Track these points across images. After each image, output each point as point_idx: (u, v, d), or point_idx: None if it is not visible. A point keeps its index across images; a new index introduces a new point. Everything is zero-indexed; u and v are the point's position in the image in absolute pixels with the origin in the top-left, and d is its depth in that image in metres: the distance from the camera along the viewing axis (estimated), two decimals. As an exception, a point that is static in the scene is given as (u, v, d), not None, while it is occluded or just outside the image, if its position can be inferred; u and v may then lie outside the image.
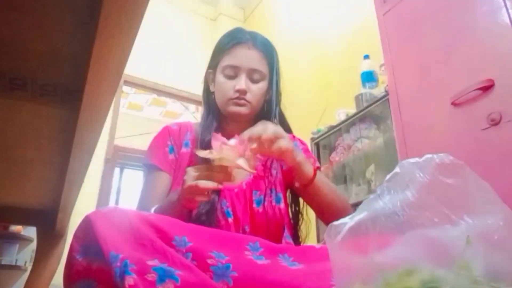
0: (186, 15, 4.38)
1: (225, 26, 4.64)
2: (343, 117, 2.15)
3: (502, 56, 1.19)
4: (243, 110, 0.92)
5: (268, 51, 0.95)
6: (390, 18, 1.67)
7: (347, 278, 0.46)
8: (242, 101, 0.91)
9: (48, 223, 1.25)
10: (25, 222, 1.70)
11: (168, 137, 0.98)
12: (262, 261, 0.62)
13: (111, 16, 0.38)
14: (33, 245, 2.89)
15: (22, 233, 2.95)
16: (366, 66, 2.12)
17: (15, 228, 2.90)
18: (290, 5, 3.57)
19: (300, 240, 0.97)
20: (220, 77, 0.93)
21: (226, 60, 0.92)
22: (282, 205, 0.94)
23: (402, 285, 0.41)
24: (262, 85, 0.94)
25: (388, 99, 1.69)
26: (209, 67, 1.01)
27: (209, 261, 0.57)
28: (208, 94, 1.00)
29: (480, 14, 1.29)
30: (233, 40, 0.93)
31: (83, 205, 1.81)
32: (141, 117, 6.06)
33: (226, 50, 0.93)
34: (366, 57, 2.16)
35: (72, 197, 0.97)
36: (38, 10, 0.43)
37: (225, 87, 0.92)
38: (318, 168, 0.99)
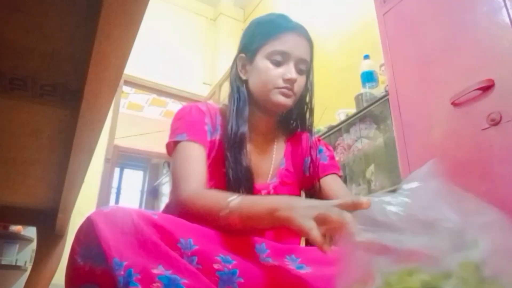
0: (186, 15, 4.38)
1: (225, 26, 4.64)
2: (343, 117, 2.14)
3: (502, 56, 1.19)
4: (288, 102, 0.84)
5: (312, 43, 0.89)
6: (390, 18, 1.67)
7: (347, 277, 0.46)
8: (290, 92, 0.83)
9: (48, 223, 1.25)
10: (25, 222, 1.70)
11: (204, 116, 0.86)
12: (270, 263, 0.61)
13: (111, 16, 0.38)
14: (33, 245, 2.89)
15: (22, 233, 2.94)
16: (366, 66, 2.12)
17: (15, 228, 2.90)
18: (290, 5, 3.57)
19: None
20: (264, 63, 0.84)
21: (274, 45, 0.83)
22: None
23: (402, 285, 0.41)
24: (305, 78, 0.88)
25: (388, 99, 1.69)
26: (244, 51, 0.90)
27: (215, 266, 0.56)
28: (240, 80, 0.89)
29: (480, 14, 1.28)
30: (281, 26, 0.85)
31: (83, 205, 1.81)
32: (141, 117, 6.06)
33: (273, 36, 0.84)
34: (366, 57, 2.15)
35: (72, 197, 0.97)
36: (38, 10, 0.43)
37: (272, 74, 0.82)
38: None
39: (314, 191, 0.92)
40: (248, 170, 0.81)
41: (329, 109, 2.51)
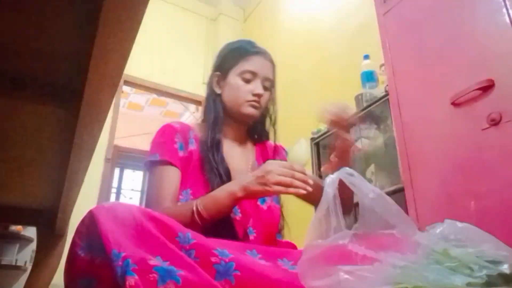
0: (186, 15, 4.37)
1: (225, 26, 4.63)
2: (343, 117, 2.14)
3: (502, 56, 1.19)
4: (256, 112, 1.00)
5: (274, 65, 1.06)
6: (390, 18, 1.66)
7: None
8: (258, 104, 0.99)
9: (48, 223, 1.25)
10: (25, 222, 1.70)
11: (175, 134, 0.97)
12: (264, 262, 0.63)
13: (111, 16, 0.38)
14: (33, 245, 2.89)
15: (22, 233, 2.94)
16: (366, 66, 2.12)
17: (15, 228, 2.90)
18: (290, 5, 3.57)
19: (282, 238, 1.00)
20: (236, 80, 1.00)
21: (244, 66, 1.00)
22: (278, 205, 0.99)
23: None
24: (269, 93, 1.04)
25: (388, 99, 1.69)
26: (218, 70, 1.05)
27: (213, 259, 0.58)
28: (215, 94, 1.04)
29: (480, 14, 1.28)
30: (251, 49, 1.02)
31: (83, 205, 1.81)
32: (141, 117, 6.06)
33: (244, 57, 1.01)
34: (366, 57, 2.16)
35: (72, 197, 0.97)
36: (38, 10, 0.43)
37: (243, 89, 0.98)
38: None
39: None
40: (227, 168, 0.94)
41: (329, 109, 2.50)
